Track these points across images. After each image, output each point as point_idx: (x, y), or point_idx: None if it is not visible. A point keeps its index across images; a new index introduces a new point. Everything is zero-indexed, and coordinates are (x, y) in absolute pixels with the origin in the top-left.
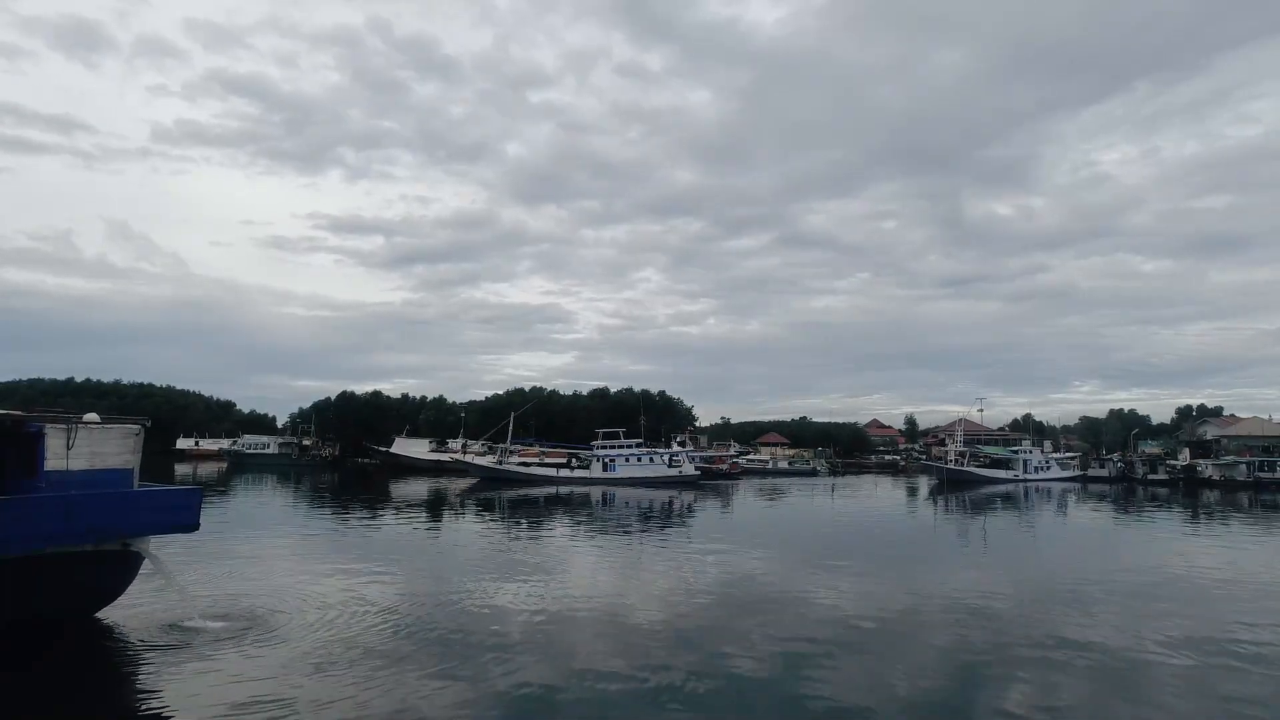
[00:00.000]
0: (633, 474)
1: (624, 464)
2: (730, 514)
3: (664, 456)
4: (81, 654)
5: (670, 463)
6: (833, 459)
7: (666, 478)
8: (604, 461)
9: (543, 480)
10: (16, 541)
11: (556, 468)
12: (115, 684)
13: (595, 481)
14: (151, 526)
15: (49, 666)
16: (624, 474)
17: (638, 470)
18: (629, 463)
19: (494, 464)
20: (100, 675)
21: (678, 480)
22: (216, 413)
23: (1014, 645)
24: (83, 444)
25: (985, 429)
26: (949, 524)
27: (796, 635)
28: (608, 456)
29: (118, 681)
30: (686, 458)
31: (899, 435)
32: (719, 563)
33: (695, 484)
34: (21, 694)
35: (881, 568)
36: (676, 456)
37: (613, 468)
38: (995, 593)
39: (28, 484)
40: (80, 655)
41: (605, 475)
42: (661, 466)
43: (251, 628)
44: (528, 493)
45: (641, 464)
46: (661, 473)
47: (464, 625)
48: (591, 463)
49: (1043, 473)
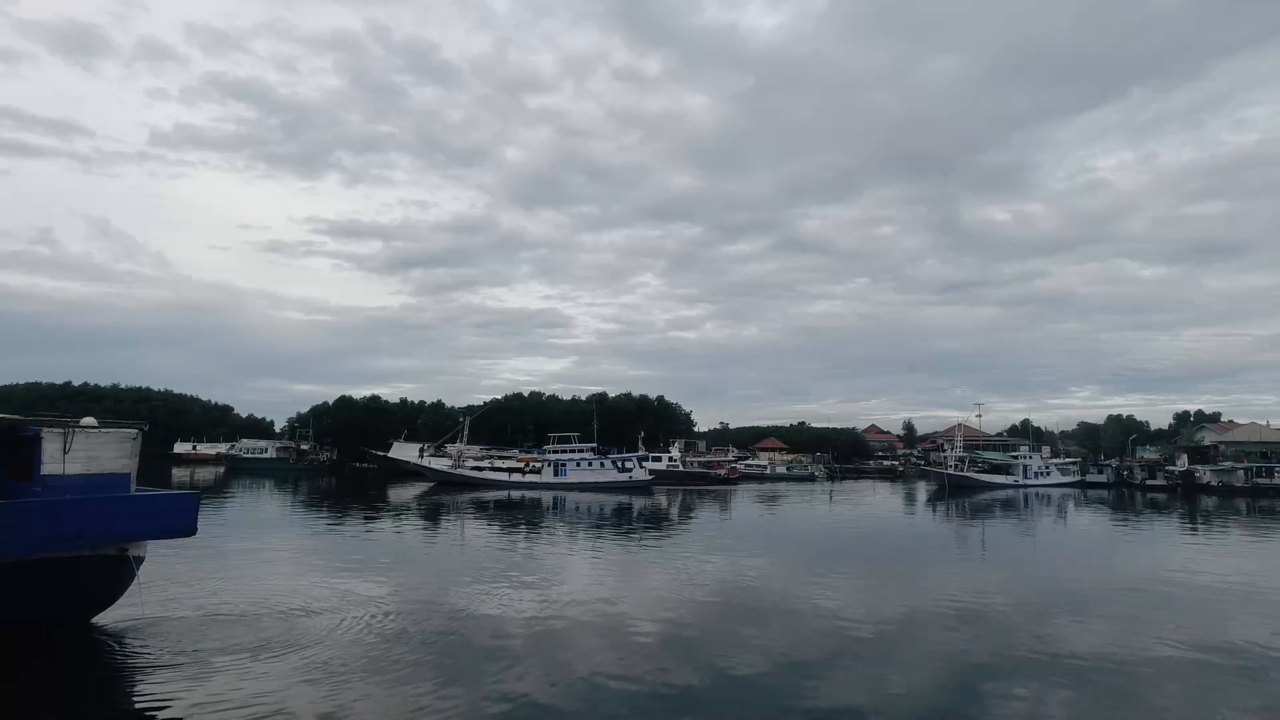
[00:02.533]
0: (583, 479)
1: (575, 468)
2: (729, 519)
3: (615, 461)
4: (76, 659)
5: (621, 468)
6: (831, 464)
7: (617, 482)
8: (555, 466)
9: (495, 484)
10: (11, 545)
11: (509, 472)
12: (108, 690)
13: (546, 486)
14: (149, 531)
15: (43, 671)
16: (574, 478)
17: (588, 475)
18: (579, 467)
19: (449, 468)
20: (94, 681)
21: (628, 485)
22: (214, 417)
23: (1012, 652)
24: (80, 448)
25: (983, 434)
26: (948, 530)
27: (795, 642)
28: (559, 461)
29: (111, 687)
30: (638, 463)
31: (897, 440)
32: (717, 569)
33: (647, 489)
34: (15, 699)
35: (880, 574)
36: (627, 462)
37: (563, 472)
38: (994, 599)
39: (24, 488)
40: (75, 660)
41: (556, 480)
42: (612, 471)
43: (245, 633)
44: (479, 496)
45: (592, 469)
46: (612, 477)
47: (462, 631)
48: (543, 467)
49: (1042, 478)
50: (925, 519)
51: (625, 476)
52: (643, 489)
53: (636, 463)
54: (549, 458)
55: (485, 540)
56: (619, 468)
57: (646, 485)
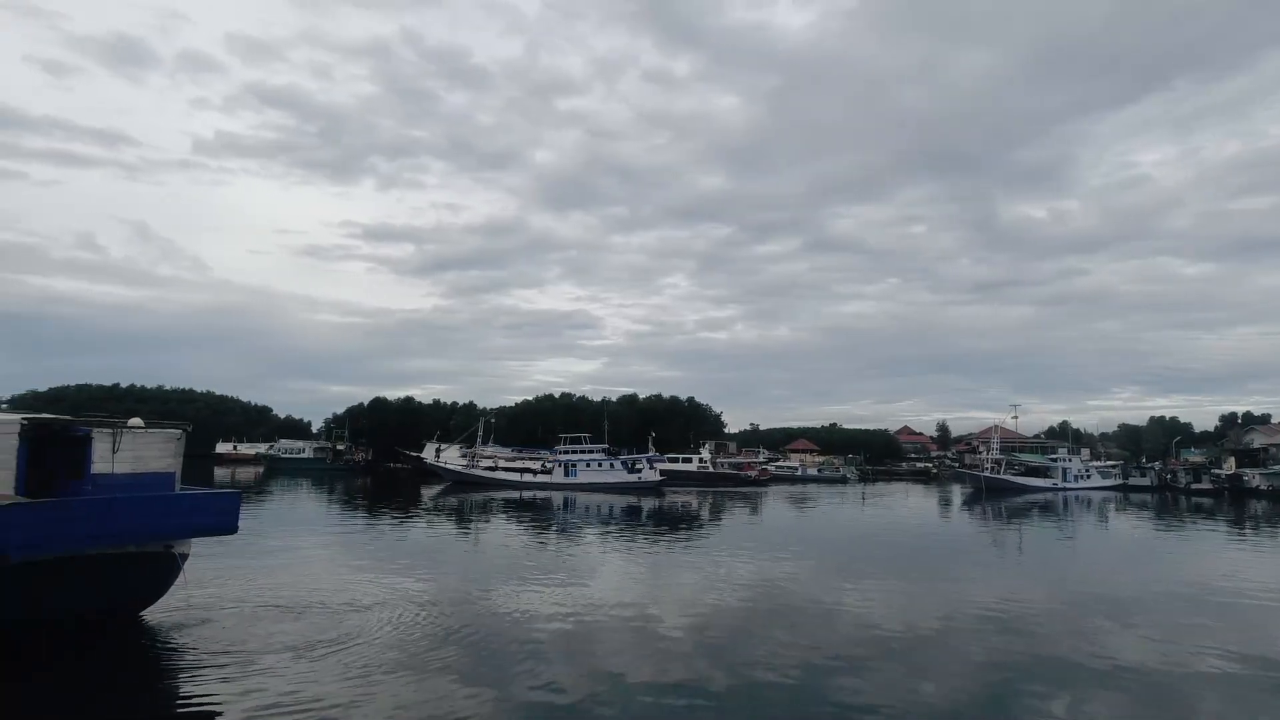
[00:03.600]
0: (593, 479)
1: (585, 469)
2: (759, 521)
3: (625, 462)
4: (124, 653)
5: (631, 469)
6: (863, 466)
7: (626, 483)
8: (565, 466)
9: (507, 485)
10: (65, 541)
11: (520, 472)
12: (154, 684)
13: (556, 486)
14: (193, 529)
15: (93, 664)
16: (585, 479)
17: (597, 475)
18: (589, 468)
19: (463, 469)
20: (141, 675)
21: (637, 486)
22: (254, 418)
23: (1050, 659)
24: (127, 448)
25: (1020, 436)
26: (985, 533)
27: (825, 644)
28: (569, 461)
29: (157, 681)
30: (648, 464)
31: (930, 442)
32: (748, 570)
33: (656, 490)
34: (65, 691)
35: (914, 577)
36: (637, 463)
37: (574, 473)
38: (1032, 604)
39: (75, 486)
40: (123, 654)
41: (567, 480)
42: (622, 472)
43: (283, 629)
44: (492, 496)
45: (602, 469)
46: (621, 478)
47: (494, 629)
48: (554, 468)
49: (1082, 481)
50: (961, 522)
51: (634, 477)
52: (652, 490)
53: (646, 464)
54: (560, 458)
55: (513, 540)
56: (629, 469)
57: (656, 486)
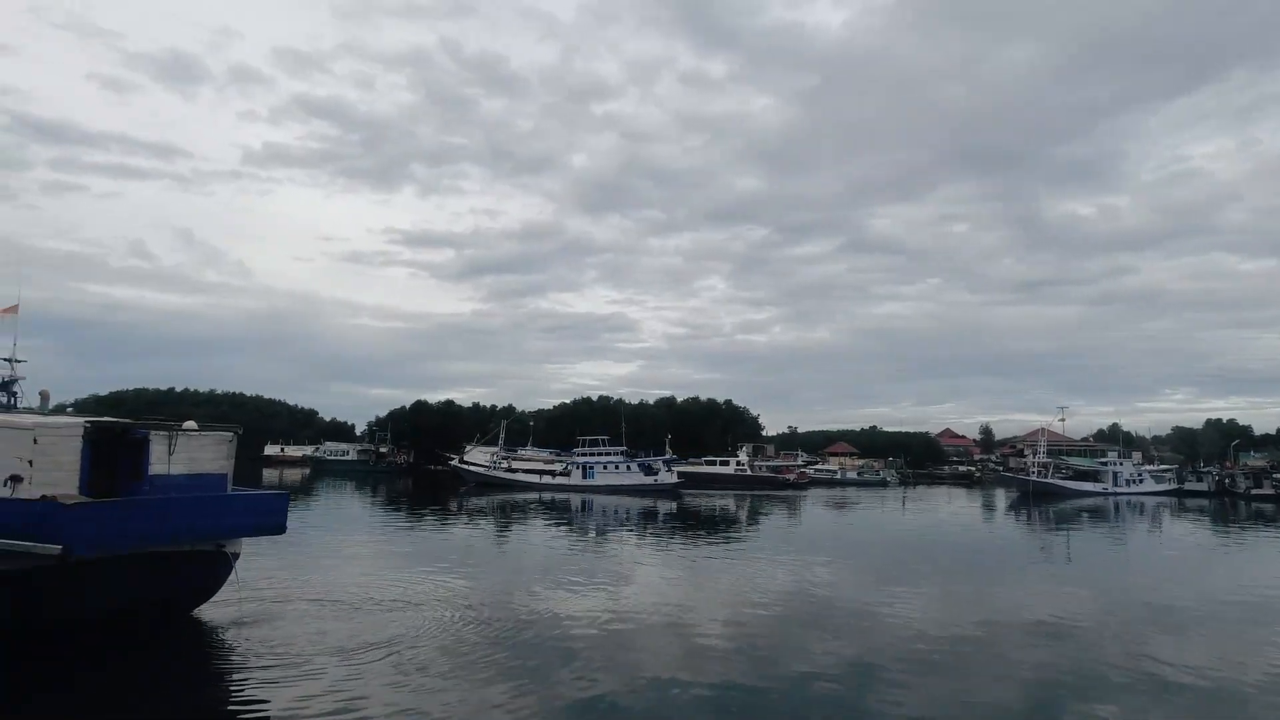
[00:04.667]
0: (610, 481)
1: (602, 471)
2: (798, 525)
3: (642, 465)
4: (179, 649)
5: (647, 471)
6: (903, 469)
7: (643, 485)
8: (583, 468)
9: (527, 486)
10: (125, 540)
11: (540, 474)
12: (205, 681)
13: (575, 488)
14: (244, 529)
15: (148, 659)
16: (602, 481)
17: (614, 478)
18: (607, 470)
19: (485, 470)
20: (193, 672)
21: (653, 488)
22: (300, 420)
23: (1100, 669)
24: (182, 450)
25: (1067, 439)
26: (1031, 539)
27: (866, 651)
28: (587, 463)
29: (207, 679)
30: (665, 466)
31: (973, 445)
32: (786, 574)
33: (673, 492)
34: (121, 685)
35: (957, 583)
36: (654, 465)
37: (591, 474)
38: (1081, 612)
39: (134, 486)
40: (178, 650)
41: (584, 482)
42: (639, 474)
43: (328, 627)
44: (512, 497)
45: (619, 471)
46: (639, 480)
47: (534, 630)
48: (572, 469)
49: (1134, 486)
50: (1006, 527)
51: (651, 480)
52: (668, 492)
53: (663, 466)
54: (577, 460)
55: (550, 541)
56: (646, 471)
57: (673, 488)
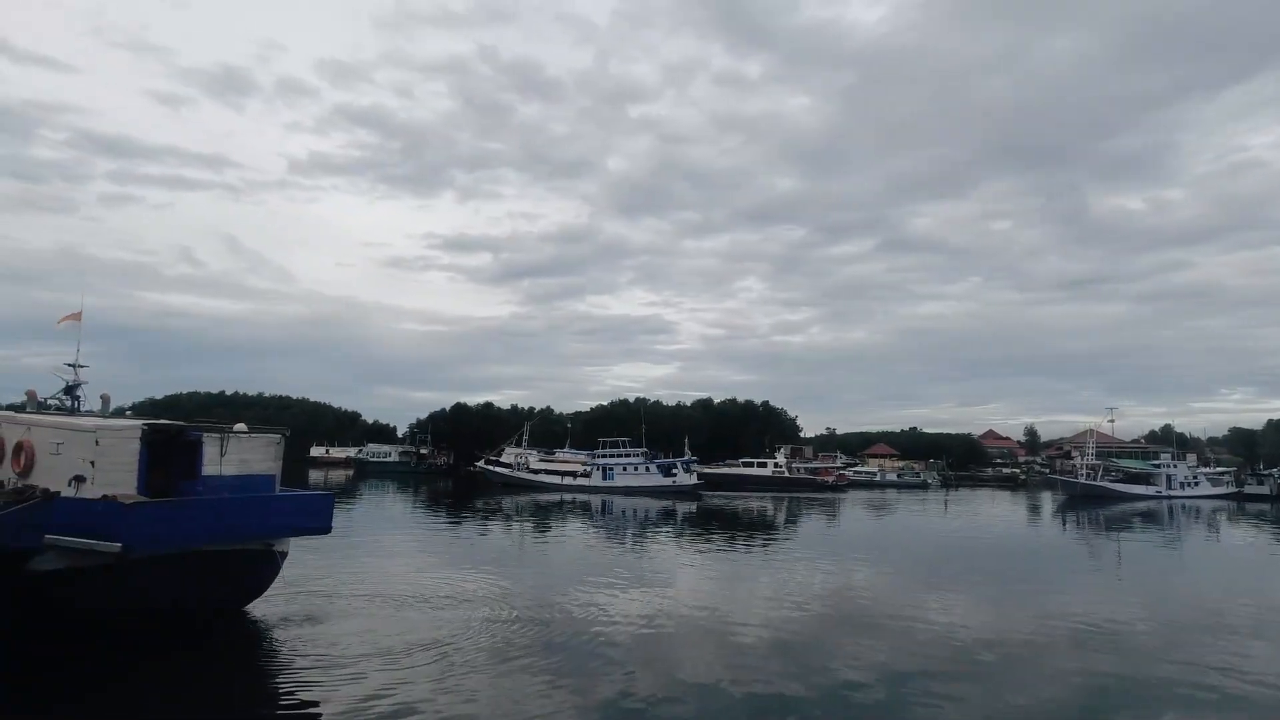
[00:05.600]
0: (629, 483)
1: (621, 472)
2: (837, 527)
3: (661, 466)
4: (230, 646)
5: (666, 472)
6: (945, 471)
7: (661, 487)
8: (603, 469)
9: (549, 487)
10: (180, 538)
11: (561, 475)
12: (254, 678)
13: (595, 489)
14: (291, 529)
15: (200, 657)
16: (621, 482)
17: (634, 479)
18: (626, 471)
19: (509, 472)
20: (243, 669)
21: (672, 490)
22: (344, 423)
23: (1155, 680)
24: (234, 451)
25: (1117, 441)
26: (1080, 543)
27: (908, 656)
28: (606, 465)
29: (256, 676)
30: (683, 467)
31: (1018, 447)
32: (825, 577)
33: (692, 494)
34: (174, 682)
35: (1002, 589)
36: (673, 467)
37: (611, 475)
38: (1134, 620)
39: (188, 487)
40: (229, 648)
41: (604, 483)
42: (658, 476)
43: (372, 628)
44: (535, 498)
45: (638, 473)
46: (657, 482)
47: (573, 631)
48: (592, 471)
49: (1189, 489)
50: (1053, 531)
51: (669, 481)
52: (687, 493)
53: (681, 467)
54: (598, 461)
55: (586, 542)
56: (664, 473)
57: (692, 490)
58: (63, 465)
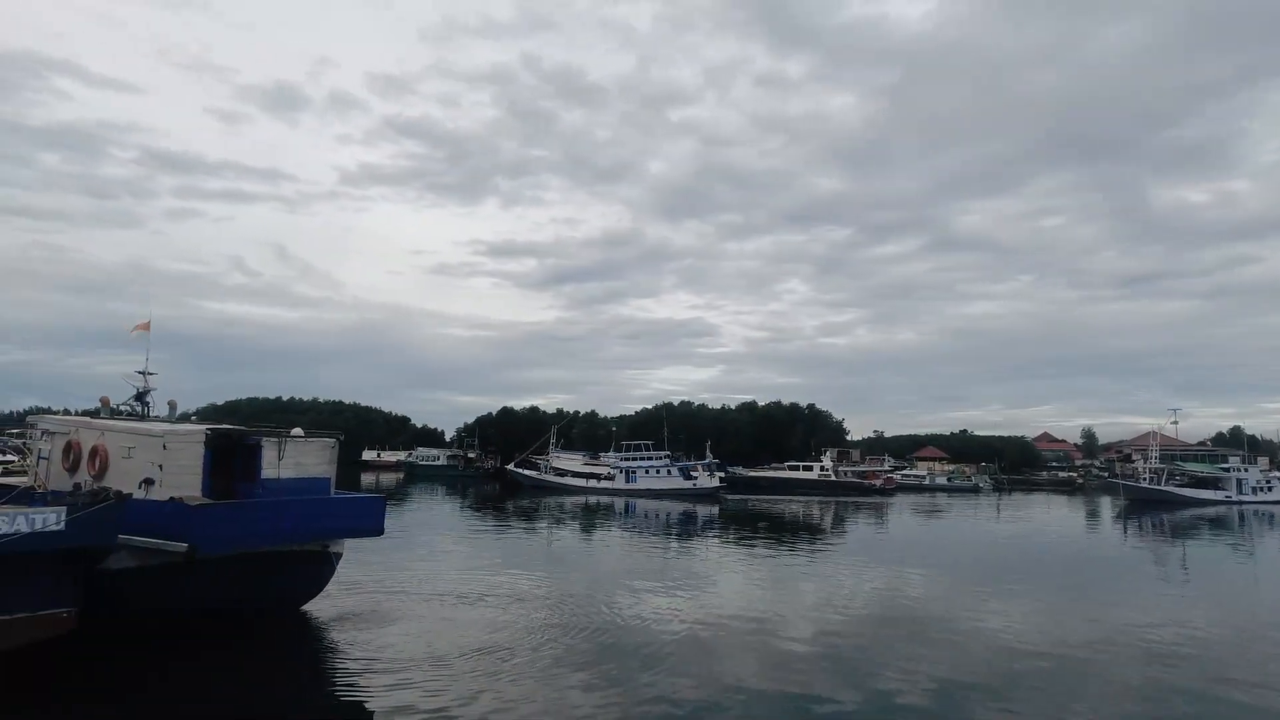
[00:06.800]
0: (651, 485)
1: (644, 475)
2: (885, 532)
3: (682, 469)
4: (288, 643)
5: (687, 476)
6: (998, 475)
7: (682, 489)
8: (626, 472)
9: (575, 490)
10: (243, 539)
11: (586, 478)
12: (312, 670)
13: (618, 492)
14: (346, 531)
15: (261, 653)
16: (643, 485)
17: (655, 481)
18: (648, 474)
19: (537, 476)
20: (301, 667)
21: (692, 492)
22: (394, 427)
23: (1222, 699)
24: (291, 455)
25: (1181, 443)
26: (1143, 551)
27: (960, 664)
28: (629, 468)
29: (315, 668)
30: (705, 470)
31: (1074, 450)
32: (873, 583)
33: (712, 496)
34: (231, 677)
35: (1060, 596)
36: (694, 470)
37: (634, 478)
38: (1202, 634)
39: (248, 489)
40: (288, 646)
41: (627, 486)
42: (679, 479)
43: (422, 629)
44: (560, 500)
45: (660, 476)
46: (678, 485)
47: (619, 633)
48: (615, 474)
49: (1262, 494)
50: (1114, 538)
51: (690, 484)
52: (708, 496)
53: (703, 471)
54: (621, 464)
55: (629, 544)
56: (685, 475)
57: (712, 492)
58: (134, 468)
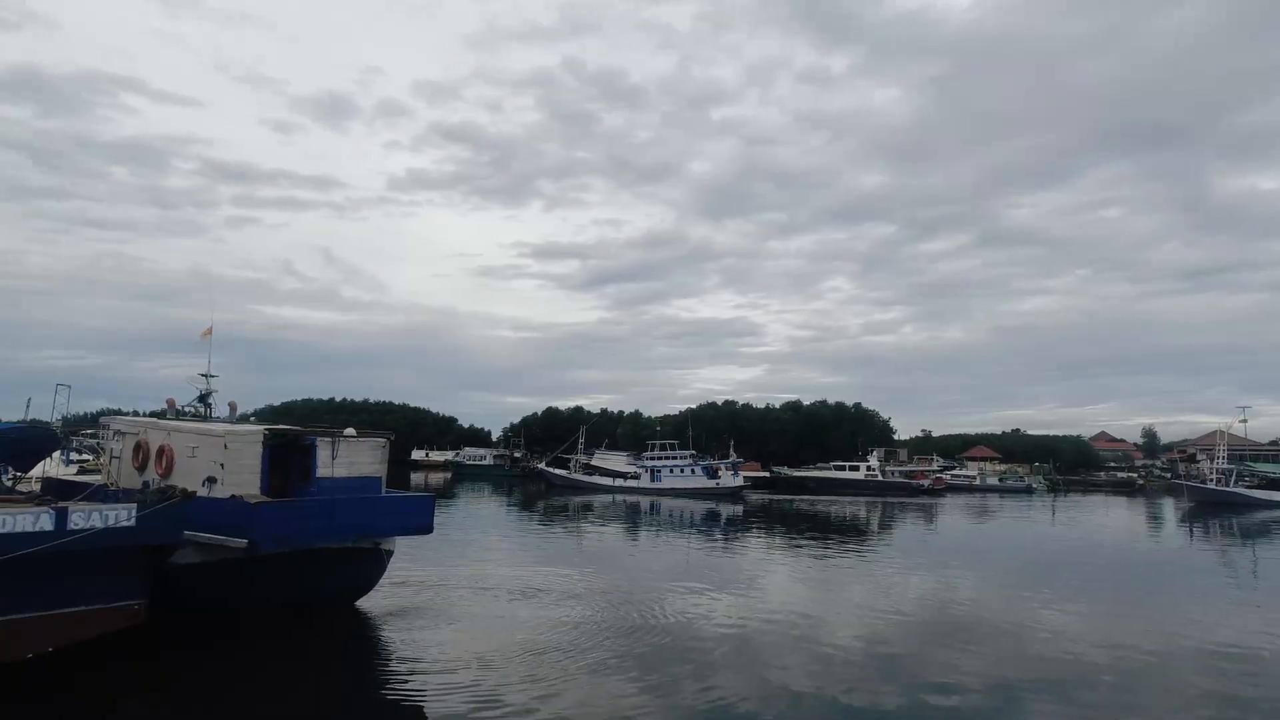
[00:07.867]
0: (675, 484)
1: (669, 475)
2: (934, 533)
3: (705, 469)
4: (343, 637)
5: (711, 475)
6: (1052, 475)
7: (707, 489)
8: (652, 471)
9: (601, 489)
10: (298, 536)
11: (613, 477)
12: (366, 664)
13: (643, 491)
14: (397, 529)
15: (317, 647)
16: (668, 484)
17: (680, 481)
18: (673, 473)
19: (565, 475)
20: (355, 662)
21: (716, 491)
22: (442, 427)
23: None
24: (344, 455)
25: (1250, 443)
26: (1211, 555)
27: (1014, 670)
28: (654, 467)
29: (368, 662)
30: (728, 469)
31: (1134, 450)
32: (922, 585)
33: (735, 495)
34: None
35: (1120, 601)
36: (717, 470)
37: (658, 478)
38: (1272, 643)
39: (304, 488)
40: (344, 641)
41: (652, 485)
42: (703, 478)
43: (470, 622)
44: (589, 499)
45: (684, 475)
46: (702, 484)
47: (662, 633)
48: (641, 473)
49: None
50: (1179, 541)
51: (713, 483)
52: (730, 495)
53: (727, 470)
54: (646, 464)
55: (673, 544)
56: (709, 475)
57: (735, 491)
58: (197, 467)
